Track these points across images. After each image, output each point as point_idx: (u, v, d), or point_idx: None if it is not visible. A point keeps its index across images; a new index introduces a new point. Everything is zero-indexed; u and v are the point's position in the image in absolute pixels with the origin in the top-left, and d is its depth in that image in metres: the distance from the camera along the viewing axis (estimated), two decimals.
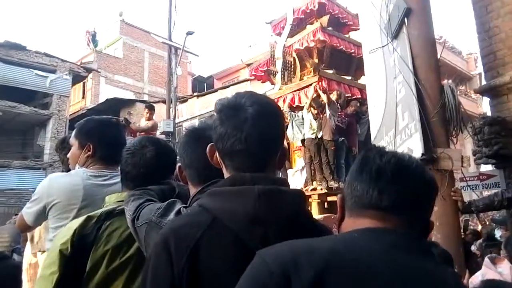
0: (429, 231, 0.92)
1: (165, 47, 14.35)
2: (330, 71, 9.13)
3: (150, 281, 0.92)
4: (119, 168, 2.02)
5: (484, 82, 5.50)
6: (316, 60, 9.38)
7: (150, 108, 9.23)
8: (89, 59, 22.14)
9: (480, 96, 12.42)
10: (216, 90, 20.22)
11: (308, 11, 9.70)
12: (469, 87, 22.57)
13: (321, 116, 7.93)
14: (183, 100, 19.16)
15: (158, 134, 10.46)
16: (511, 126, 4.67)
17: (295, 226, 0.93)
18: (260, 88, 18.46)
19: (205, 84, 26.86)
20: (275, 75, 10.07)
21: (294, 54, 9.59)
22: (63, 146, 2.65)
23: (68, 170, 2.04)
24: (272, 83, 10.73)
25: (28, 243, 2.64)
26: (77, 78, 18.71)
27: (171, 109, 12.99)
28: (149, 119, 8.91)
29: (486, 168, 6.25)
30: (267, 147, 1.00)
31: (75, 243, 1.27)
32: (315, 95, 8.15)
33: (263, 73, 10.77)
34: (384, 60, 4.20)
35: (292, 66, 9.72)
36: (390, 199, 0.82)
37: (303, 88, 8.93)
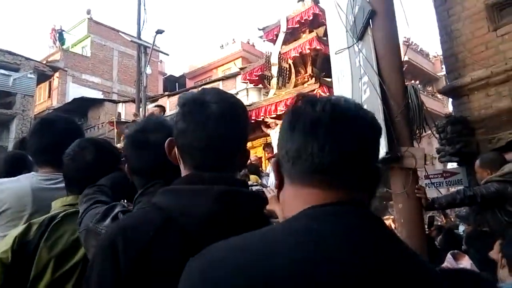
0: (379, 179, 0.77)
1: (135, 46, 14.09)
2: (329, 79, 9.74)
3: (95, 286, 0.85)
4: None
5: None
6: (309, 67, 10.11)
7: (160, 107, 9.16)
8: (55, 58, 21.46)
9: (446, 97, 12.87)
10: (187, 90, 20.03)
11: (303, 21, 10.50)
12: (436, 88, 23.29)
13: None
14: (154, 99, 18.87)
15: None
16: (472, 125, 4.85)
17: (251, 229, 0.90)
18: (232, 87, 18.46)
19: (177, 84, 26.55)
20: (270, 80, 10.68)
21: (290, 61, 10.27)
22: (22, 146, 2.55)
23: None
24: (264, 87, 11.56)
25: None
26: (42, 77, 18.13)
27: (140, 109, 12.77)
28: None
29: (453, 165, 6.46)
30: (229, 146, 0.97)
31: (16, 251, 1.22)
32: None
33: (257, 78, 11.40)
34: (350, 61, 4.25)
35: (288, 72, 10.35)
36: (333, 154, 0.68)
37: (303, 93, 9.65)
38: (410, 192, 3.63)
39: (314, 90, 9.29)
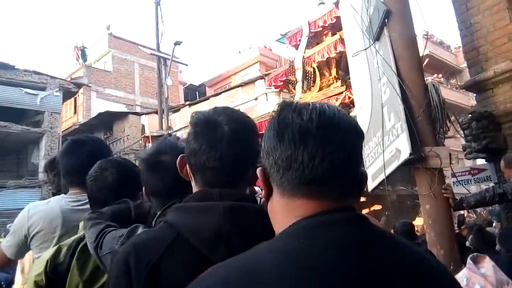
0: (365, 182, 0.78)
1: (155, 58, 14.37)
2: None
3: None
4: None
5: None
6: (334, 69, 10.18)
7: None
8: (79, 74, 22.12)
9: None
10: (208, 98, 20.23)
11: (326, 24, 10.62)
12: (460, 80, 22.72)
13: None
14: (176, 109, 19.14)
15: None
16: (498, 120, 4.72)
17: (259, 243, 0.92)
18: (251, 93, 18.53)
19: (197, 92, 26.86)
20: (295, 84, 10.88)
21: (314, 65, 10.42)
22: (52, 166, 2.62)
23: (59, 190, 2.02)
24: (289, 91, 11.62)
25: (19, 272, 2.61)
26: (67, 94, 18.67)
27: (163, 120, 12.99)
28: None
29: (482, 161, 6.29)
30: (240, 166, 1.00)
31: (49, 274, 1.27)
32: None
33: (281, 83, 11.56)
34: (367, 63, 4.22)
35: (312, 76, 10.47)
36: (324, 162, 0.68)
37: (330, 97, 9.58)
38: (437, 192, 3.57)
39: (341, 92, 9.35)
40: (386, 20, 3.83)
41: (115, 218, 1.33)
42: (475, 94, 5.24)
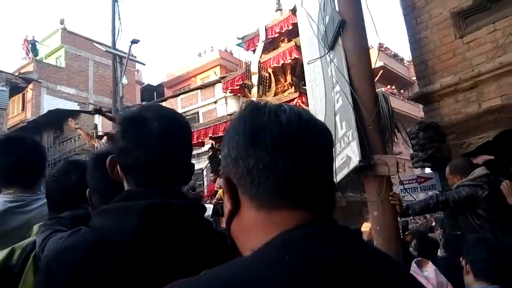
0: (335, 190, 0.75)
1: (110, 56, 13.92)
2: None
3: None
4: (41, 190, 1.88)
5: None
6: (289, 76, 10.32)
7: (108, 134, 8.89)
8: (28, 69, 20.98)
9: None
10: (165, 99, 19.91)
11: (282, 31, 10.70)
12: (411, 92, 23.81)
13: None
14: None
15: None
16: (443, 131, 4.95)
17: (185, 241, 0.89)
18: (210, 96, 18.43)
19: (155, 93, 26.33)
20: (250, 88, 10.90)
21: (269, 70, 10.56)
22: None
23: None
24: (245, 96, 11.58)
25: None
26: (15, 90, 17.71)
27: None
28: None
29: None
30: (171, 164, 0.97)
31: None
32: None
33: (238, 87, 11.57)
34: (322, 70, 4.30)
35: (268, 81, 10.53)
36: (307, 170, 0.62)
37: (284, 102, 9.82)
38: (384, 199, 3.67)
39: (294, 99, 9.51)
40: (341, 30, 3.91)
41: (76, 223, 1.28)
42: (423, 106, 5.49)
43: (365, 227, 6.68)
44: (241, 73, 11.45)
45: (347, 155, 3.78)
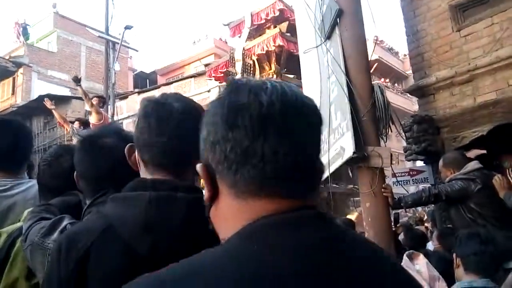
0: (322, 176, 0.68)
1: (103, 41, 13.71)
2: (291, 76, 9.63)
3: (44, 285, 0.93)
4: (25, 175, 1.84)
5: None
6: (273, 63, 10.01)
7: (100, 97, 8.58)
8: (19, 53, 20.60)
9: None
10: (159, 86, 19.72)
11: (268, 17, 10.48)
12: (405, 86, 23.89)
13: None
14: (123, 96, 18.48)
15: None
16: (438, 124, 4.95)
17: (187, 235, 0.88)
18: (204, 85, 18.29)
19: (147, 80, 26.10)
20: (234, 76, 10.50)
21: (254, 57, 10.32)
22: None
23: None
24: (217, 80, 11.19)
25: None
26: (5, 73, 17.43)
27: (109, 106, 12.44)
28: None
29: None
30: (188, 146, 0.94)
31: None
32: None
33: (222, 74, 11.20)
34: (318, 60, 4.25)
35: (252, 69, 10.29)
36: (289, 156, 0.58)
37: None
38: (377, 191, 3.67)
39: None
40: (338, 20, 3.86)
41: (65, 210, 1.27)
42: (418, 99, 5.47)
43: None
44: (225, 60, 11.17)
45: (341, 146, 3.76)
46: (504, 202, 3.28)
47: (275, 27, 10.13)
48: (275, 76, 9.98)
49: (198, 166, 0.64)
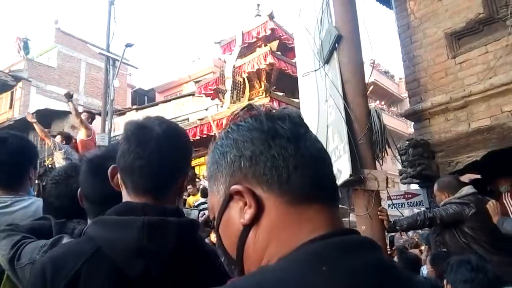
0: None
1: (103, 58, 13.85)
2: (280, 93, 9.66)
3: None
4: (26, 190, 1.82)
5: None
6: (264, 82, 9.98)
7: (90, 112, 8.52)
8: (19, 67, 20.71)
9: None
10: (157, 104, 19.78)
11: (260, 36, 10.51)
12: (400, 109, 24.12)
13: None
14: (121, 113, 18.50)
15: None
16: (433, 148, 5.01)
17: (179, 260, 0.91)
18: (202, 103, 18.38)
19: (146, 97, 26.20)
20: (224, 93, 10.53)
21: (244, 75, 10.32)
22: None
23: None
24: (221, 101, 11.26)
25: None
26: (4, 87, 17.48)
27: (106, 122, 12.47)
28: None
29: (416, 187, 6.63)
30: (169, 169, 0.99)
31: None
32: None
33: (212, 91, 11.20)
34: (316, 84, 4.33)
35: (242, 86, 10.27)
36: (323, 158, 0.63)
37: None
38: (373, 214, 3.70)
39: (263, 104, 9.39)
40: (336, 45, 3.96)
41: (32, 234, 1.25)
42: (413, 123, 5.55)
43: None
44: (216, 78, 11.10)
45: (337, 168, 3.80)
46: (498, 227, 3.32)
47: (265, 45, 10.18)
48: (264, 93, 9.91)
49: (238, 188, 0.60)
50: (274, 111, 0.65)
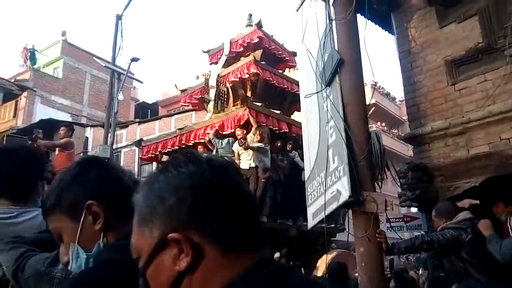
0: None
1: (108, 71, 14.03)
2: (259, 104, 9.43)
3: None
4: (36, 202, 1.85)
5: None
6: (249, 92, 9.69)
7: (68, 126, 8.58)
8: (24, 77, 20.95)
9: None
10: (159, 118, 19.91)
11: (245, 44, 10.16)
12: (401, 131, 24.23)
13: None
14: (124, 125, 18.61)
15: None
16: (432, 172, 5.05)
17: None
18: (203, 117, 18.49)
19: (149, 111, 26.37)
20: (208, 103, 10.19)
21: (228, 85, 9.84)
22: None
23: None
24: (206, 111, 10.83)
25: None
26: (9, 96, 17.63)
27: (109, 135, 12.55)
28: (64, 137, 8.06)
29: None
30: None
31: None
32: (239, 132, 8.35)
33: (197, 100, 10.89)
34: (318, 105, 4.41)
35: (226, 96, 9.90)
36: (256, 215, 0.73)
37: (230, 117, 9.08)
38: (371, 236, 3.71)
39: (243, 114, 8.67)
40: (338, 68, 4.05)
41: (36, 246, 1.27)
42: (413, 146, 5.61)
43: (321, 261, 6.58)
44: (201, 87, 10.66)
45: (337, 189, 3.84)
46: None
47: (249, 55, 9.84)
48: (240, 104, 9.53)
49: (176, 236, 0.62)
50: (214, 159, 0.70)
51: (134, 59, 12.71)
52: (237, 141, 8.32)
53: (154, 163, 12.02)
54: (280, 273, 0.64)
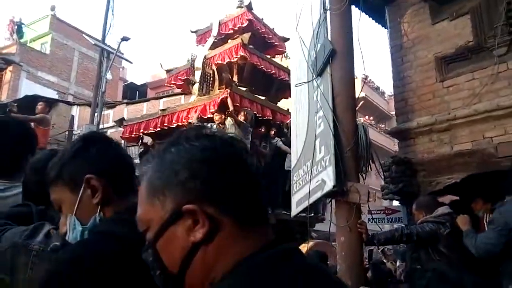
0: None
1: (98, 49, 13.77)
2: (244, 89, 9.22)
3: None
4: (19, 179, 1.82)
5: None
6: (235, 76, 9.42)
7: (46, 102, 8.51)
8: (10, 51, 20.41)
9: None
10: (148, 100, 19.70)
11: (236, 28, 9.87)
12: (389, 126, 24.48)
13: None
14: (111, 105, 18.37)
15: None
16: (415, 167, 5.14)
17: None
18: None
19: (137, 92, 26.06)
20: (194, 85, 9.91)
21: (214, 67, 9.55)
22: None
23: None
24: (190, 93, 10.56)
25: None
26: None
27: (96, 114, 12.38)
28: (41, 112, 7.94)
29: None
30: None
31: None
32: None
33: (182, 82, 10.56)
34: (308, 94, 4.43)
35: (211, 79, 9.62)
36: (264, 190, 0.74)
37: (213, 99, 8.80)
38: (353, 226, 3.78)
39: (226, 97, 8.28)
40: (330, 59, 4.06)
41: (11, 220, 1.25)
42: (398, 141, 5.68)
43: (301, 247, 6.66)
44: (186, 68, 10.27)
45: (322, 178, 3.89)
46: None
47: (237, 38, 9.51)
48: (226, 87, 8.99)
49: (192, 207, 0.63)
50: (225, 135, 0.72)
51: (125, 39, 12.50)
52: (214, 126, 8.08)
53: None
54: (297, 252, 0.68)
